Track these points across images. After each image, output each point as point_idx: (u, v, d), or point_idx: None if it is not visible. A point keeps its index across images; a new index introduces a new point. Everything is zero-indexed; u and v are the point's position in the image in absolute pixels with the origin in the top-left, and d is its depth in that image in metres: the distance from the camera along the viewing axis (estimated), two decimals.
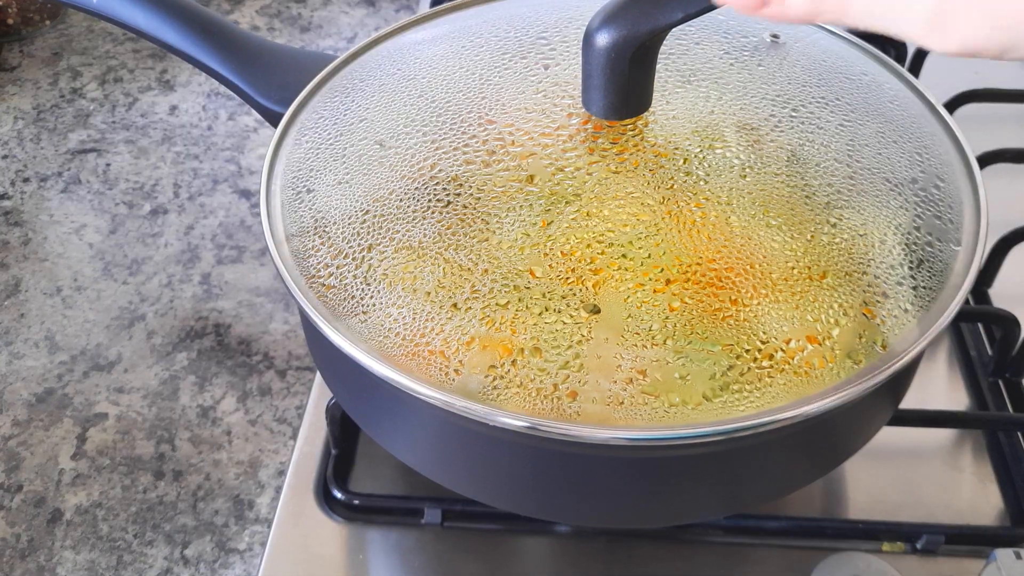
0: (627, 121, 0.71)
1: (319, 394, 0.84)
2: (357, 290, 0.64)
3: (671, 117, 0.72)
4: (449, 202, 0.73)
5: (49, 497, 0.80)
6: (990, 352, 0.85)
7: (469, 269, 0.65)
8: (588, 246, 0.65)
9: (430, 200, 0.70)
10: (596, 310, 0.62)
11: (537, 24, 0.80)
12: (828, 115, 0.75)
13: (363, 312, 0.64)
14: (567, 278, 0.63)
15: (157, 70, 1.26)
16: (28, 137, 1.16)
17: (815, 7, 0.46)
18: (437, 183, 0.71)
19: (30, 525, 0.78)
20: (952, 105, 1.01)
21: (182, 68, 1.25)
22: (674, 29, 0.65)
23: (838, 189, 0.81)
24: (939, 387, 0.84)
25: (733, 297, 0.63)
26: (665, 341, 0.60)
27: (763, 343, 0.64)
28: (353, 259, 0.66)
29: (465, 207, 0.68)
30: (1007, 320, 0.81)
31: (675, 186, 0.67)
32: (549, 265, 0.63)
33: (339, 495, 0.75)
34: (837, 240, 0.75)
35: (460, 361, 0.61)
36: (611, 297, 0.63)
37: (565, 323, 0.61)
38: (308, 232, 0.80)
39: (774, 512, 0.73)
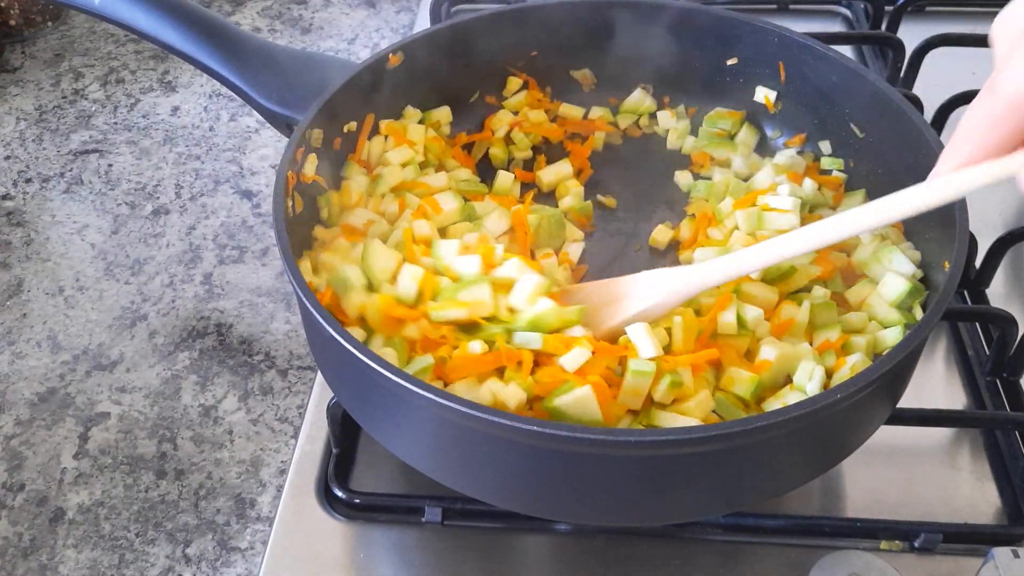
0: None
1: (320, 393, 0.84)
2: None
3: None
4: None
5: (51, 496, 0.80)
6: (987, 351, 0.85)
7: None
8: None
9: None
10: None
11: None
12: None
13: None
14: None
15: (159, 71, 1.26)
16: (30, 138, 1.16)
17: None
18: None
19: (32, 524, 0.78)
20: (950, 106, 1.02)
21: (184, 69, 1.26)
22: None
23: None
24: (937, 386, 0.84)
25: None
26: None
27: None
28: None
29: None
30: (1004, 319, 0.81)
31: None
32: None
33: (340, 494, 0.75)
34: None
35: None
36: None
37: None
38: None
39: (773, 511, 0.74)
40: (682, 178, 0.92)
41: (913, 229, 0.78)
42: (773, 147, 0.92)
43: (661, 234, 0.87)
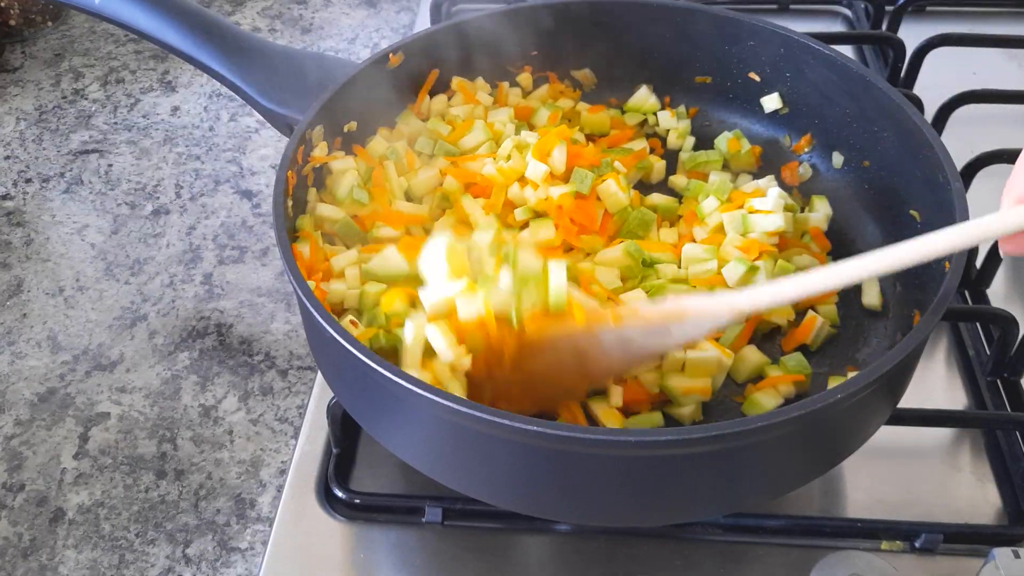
0: None
1: (320, 393, 0.84)
2: None
3: None
4: None
5: (51, 496, 0.80)
6: (988, 351, 0.85)
7: None
8: None
9: None
10: None
11: None
12: None
13: None
14: None
15: (159, 71, 1.26)
16: (30, 138, 1.16)
17: None
18: None
19: (32, 524, 0.78)
20: (951, 106, 1.02)
21: (184, 69, 1.26)
22: None
23: None
24: (937, 386, 0.84)
25: None
26: None
27: None
28: None
29: None
30: (1005, 319, 0.81)
31: None
32: None
33: (340, 494, 0.75)
34: None
35: None
36: None
37: None
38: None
39: (773, 511, 0.74)
40: (678, 180, 0.92)
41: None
42: (781, 147, 0.93)
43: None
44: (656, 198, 0.89)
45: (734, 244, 0.81)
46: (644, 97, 0.96)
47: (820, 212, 0.86)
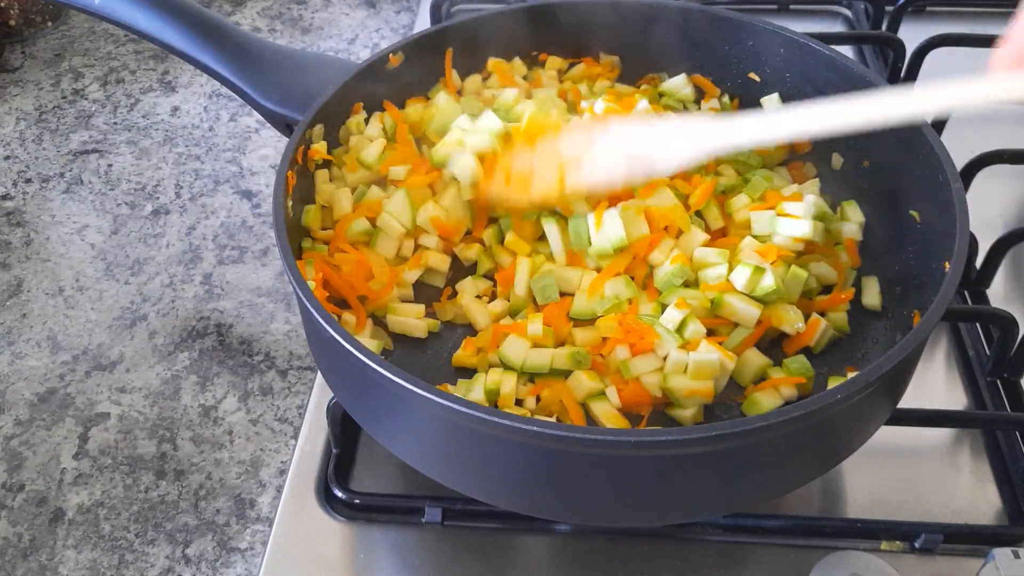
0: None
1: (320, 393, 0.84)
2: None
3: None
4: None
5: (51, 496, 0.80)
6: (988, 352, 0.85)
7: None
8: None
9: None
10: None
11: None
12: None
13: None
14: None
15: (159, 71, 1.26)
16: (30, 138, 1.16)
17: None
18: None
19: (32, 524, 0.78)
20: None
21: (184, 69, 1.26)
22: None
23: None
24: (937, 387, 0.84)
25: None
26: None
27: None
28: None
29: None
30: (1005, 319, 0.81)
31: None
32: None
33: (340, 494, 0.75)
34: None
35: None
36: None
37: None
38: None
39: (773, 511, 0.74)
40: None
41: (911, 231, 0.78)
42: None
43: None
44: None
45: (752, 247, 0.79)
46: (681, 84, 0.94)
47: (853, 221, 0.83)
